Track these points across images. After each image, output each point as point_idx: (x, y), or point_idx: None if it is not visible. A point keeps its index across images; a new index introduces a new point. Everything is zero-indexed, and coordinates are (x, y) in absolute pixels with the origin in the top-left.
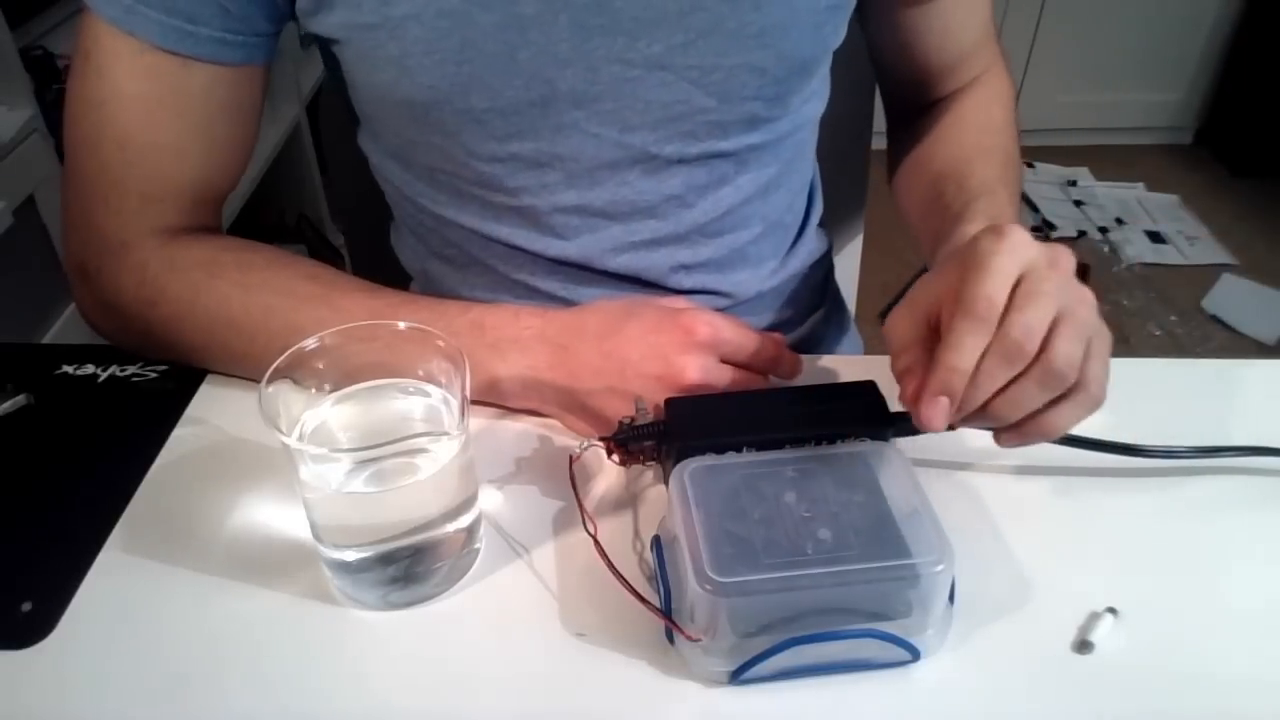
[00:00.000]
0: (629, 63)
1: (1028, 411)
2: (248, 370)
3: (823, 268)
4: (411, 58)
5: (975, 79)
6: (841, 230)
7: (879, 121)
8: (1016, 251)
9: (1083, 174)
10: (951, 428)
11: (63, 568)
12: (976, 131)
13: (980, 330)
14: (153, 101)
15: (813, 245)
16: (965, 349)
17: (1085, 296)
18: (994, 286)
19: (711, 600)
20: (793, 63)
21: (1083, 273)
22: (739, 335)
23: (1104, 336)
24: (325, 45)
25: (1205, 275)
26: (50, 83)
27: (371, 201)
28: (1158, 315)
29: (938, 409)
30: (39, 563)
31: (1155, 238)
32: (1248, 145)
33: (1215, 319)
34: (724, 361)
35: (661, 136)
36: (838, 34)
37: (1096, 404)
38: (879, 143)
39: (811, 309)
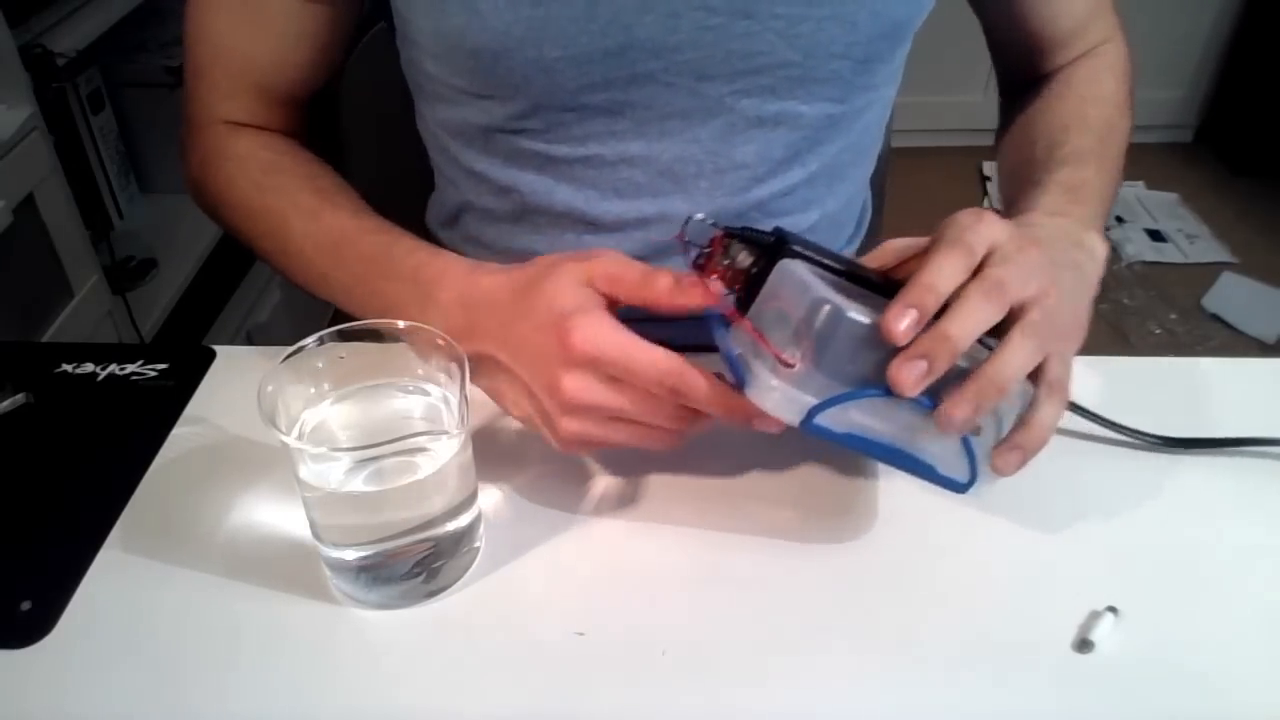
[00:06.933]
0: (712, 9)
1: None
2: (259, 254)
3: None
4: (484, 0)
5: (1091, 50)
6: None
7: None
8: (982, 231)
9: None
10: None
11: (62, 567)
12: (1080, 101)
13: (958, 257)
14: (235, 12)
15: (856, 251)
16: (943, 272)
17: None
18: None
19: (827, 316)
20: (884, 22)
21: None
22: (626, 356)
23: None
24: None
25: (1205, 274)
26: (50, 81)
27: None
28: (1158, 314)
29: (904, 318)
30: (38, 562)
31: (1155, 236)
32: (1248, 143)
33: (1215, 318)
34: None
35: (740, 89)
36: None
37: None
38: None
39: None
